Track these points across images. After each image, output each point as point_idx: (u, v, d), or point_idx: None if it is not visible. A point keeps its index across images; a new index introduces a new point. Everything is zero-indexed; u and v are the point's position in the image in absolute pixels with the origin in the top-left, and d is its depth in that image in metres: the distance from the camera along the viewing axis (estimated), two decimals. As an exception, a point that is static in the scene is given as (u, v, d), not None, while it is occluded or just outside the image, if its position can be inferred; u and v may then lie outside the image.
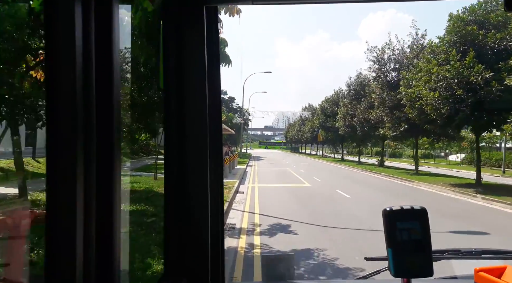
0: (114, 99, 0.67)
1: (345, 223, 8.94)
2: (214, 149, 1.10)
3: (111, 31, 0.67)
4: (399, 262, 1.05)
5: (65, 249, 0.60)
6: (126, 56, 4.87)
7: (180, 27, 1.05)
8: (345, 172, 28.39)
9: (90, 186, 0.63)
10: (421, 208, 1.08)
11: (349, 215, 10.20)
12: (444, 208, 11.70)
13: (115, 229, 0.67)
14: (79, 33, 0.60)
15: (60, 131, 0.60)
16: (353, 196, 14.03)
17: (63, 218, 0.60)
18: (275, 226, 8.45)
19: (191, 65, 1.06)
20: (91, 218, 0.63)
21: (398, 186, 19.15)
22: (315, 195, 14.26)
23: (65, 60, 0.60)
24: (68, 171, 0.60)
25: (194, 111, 1.06)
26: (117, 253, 0.68)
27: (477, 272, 1.10)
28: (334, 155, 57.89)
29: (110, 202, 0.67)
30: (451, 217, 9.98)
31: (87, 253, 0.61)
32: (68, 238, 0.60)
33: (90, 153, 0.63)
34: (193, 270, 1.07)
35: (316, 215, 10.02)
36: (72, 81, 0.60)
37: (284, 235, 7.66)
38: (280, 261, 1.46)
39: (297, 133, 74.33)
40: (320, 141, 56.14)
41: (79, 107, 0.61)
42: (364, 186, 18.16)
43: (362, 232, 8.00)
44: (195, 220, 1.07)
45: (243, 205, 11.48)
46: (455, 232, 8.02)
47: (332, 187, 16.92)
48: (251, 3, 1.06)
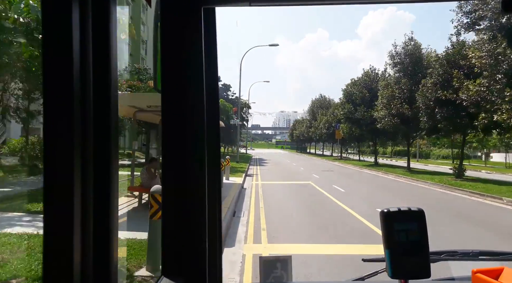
0: (112, 98, 0.68)
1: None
2: (212, 150, 1.10)
3: (109, 31, 0.67)
4: (397, 263, 1.05)
5: (62, 249, 0.60)
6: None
7: (178, 28, 1.04)
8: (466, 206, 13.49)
9: (87, 185, 0.63)
10: (418, 209, 1.08)
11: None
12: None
13: (113, 229, 0.68)
14: (76, 33, 0.61)
15: (58, 130, 0.60)
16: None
17: (61, 218, 0.60)
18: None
19: (188, 66, 1.05)
20: (89, 218, 0.63)
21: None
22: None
23: (62, 59, 0.60)
24: (66, 170, 0.60)
25: (192, 112, 1.06)
26: (115, 253, 0.68)
27: (474, 273, 1.11)
28: (360, 157, 44.89)
29: (108, 201, 0.67)
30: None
31: (84, 253, 0.62)
32: (66, 238, 0.60)
33: (87, 152, 0.63)
34: (191, 270, 1.07)
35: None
36: (70, 80, 0.60)
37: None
38: (277, 262, 1.45)
39: (307, 130, 62.32)
40: (339, 139, 44.34)
41: (77, 106, 0.61)
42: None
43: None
44: (192, 220, 1.07)
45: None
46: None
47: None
48: (249, 5, 1.01)
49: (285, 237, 7.24)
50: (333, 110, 49.17)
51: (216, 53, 1.11)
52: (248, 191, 14.42)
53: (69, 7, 0.59)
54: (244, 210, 9.86)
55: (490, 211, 11.25)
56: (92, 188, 0.64)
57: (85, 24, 0.63)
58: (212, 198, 1.10)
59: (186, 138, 1.05)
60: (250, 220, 8.60)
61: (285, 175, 23.01)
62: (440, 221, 8.76)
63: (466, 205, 12.42)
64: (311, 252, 6.14)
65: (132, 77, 20.93)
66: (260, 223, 8.22)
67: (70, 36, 0.60)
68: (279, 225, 8.25)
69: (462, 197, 14.18)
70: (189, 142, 1.05)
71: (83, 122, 0.62)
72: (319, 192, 14.59)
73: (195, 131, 1.05)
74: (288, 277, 1.44)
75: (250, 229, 7.73)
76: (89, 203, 0.63)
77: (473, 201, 13.20)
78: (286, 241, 6.92)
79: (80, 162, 0.61)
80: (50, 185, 0.60)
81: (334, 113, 48.17)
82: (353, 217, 9.26)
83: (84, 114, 0.62)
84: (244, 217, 8.98)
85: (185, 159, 1.05)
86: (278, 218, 9.01)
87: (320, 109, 58.32)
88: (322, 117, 51.59)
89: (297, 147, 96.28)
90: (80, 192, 0.61)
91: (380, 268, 1.31)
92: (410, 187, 17.65)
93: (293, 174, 23.84)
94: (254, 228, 7.77)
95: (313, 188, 15.91)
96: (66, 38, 0.60)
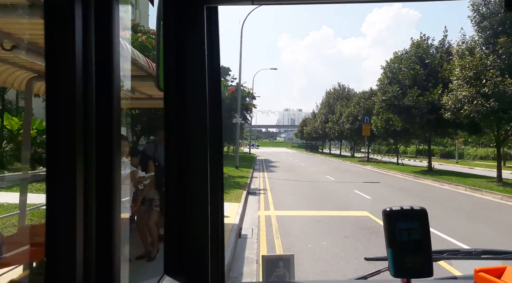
0: (114, 99, 0.68)
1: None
2: (214, 149, 1.09)
3: (111, 31, 0.67)
4: (399, 262, 1.05)
5: (65, 249, 0.60)
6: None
7: (180, 28, 1.04)
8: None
9: (90, 185, 0.63)
10: (421, 208, 1.08)
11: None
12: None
13: (115, 229, 0.67)
14: (79, 33, 0.61)
15: (60, 130, 0.60)
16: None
17: (63, 217, 0.60)
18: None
19: (191, 65, 1.05)
20: (91, 217, 0.63)
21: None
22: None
23: (65, 60, 0.60)
24: (68, 170, 0.60)
25: (194, 111, 1.06)
26: (117, 253, 0.68)
27: (477, 272, 1.10)
28: (399, 160, 32.54)
29: (110, 201, 0.67)
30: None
31: (87, 252, 0.62)
32: (68, 237, 0.60)
33: (89, 152, 0.63)
34: (193, 269, 1.06)
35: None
36: (72, 81, 0.60)
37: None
38: (280, 261, 1.44)
39: (321, 125, 52.78)
40: (366, 135, 34.96)
41: (79, 106, 0.61)
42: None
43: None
44: (195, 218, 1.06)
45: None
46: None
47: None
48: (251, 3, 1.04)
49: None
50: (358, 100, 39.70)
51: (219, 52, 1.11)
52: (251, 246, 6.28)
53: (71, 7, 0.59)
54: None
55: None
56: (95, 187, 0.64)
57: (88, 24, 0.62)
58: (215, 196, 1.10)
59: (188, 137, 1.05)
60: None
61: (311, 191, 13.87)
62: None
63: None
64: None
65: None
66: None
67: (73, 35, 0.59)
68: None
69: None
70: (191, 141, 1.05)
71: (85, 121, 0.61)
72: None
73: (198, 130, 1.06)
74: (290, 276, 1.42)
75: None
76: (91, 204, 0.63)
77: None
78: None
79: (82, 160, 0.61)
80: (52, 183, 0.60)
81: (360, 103, 38.77)
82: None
83: (86, 113, 0.62)
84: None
85: (187, 157, 1.06)
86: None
87: (339, 100, 48.73)
88: (344, 109, 41.98)
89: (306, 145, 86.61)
90: (83, 193, 0.61)
91: (383, 267, 1.31)
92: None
93: (324, 189, 14.71)
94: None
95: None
96: (69, 38, 0.59)
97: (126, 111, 2.90)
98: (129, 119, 10.19)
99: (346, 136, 41.97)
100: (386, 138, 32.68)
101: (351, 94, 50.70)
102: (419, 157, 50.14)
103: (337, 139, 53.01)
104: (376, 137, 35.14)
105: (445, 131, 22.67)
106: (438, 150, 53.90)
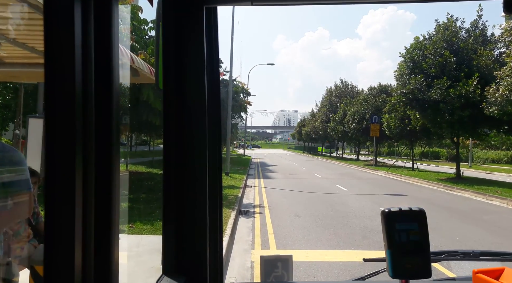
0: (113, 99, 0.67)
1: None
2: (213, 149, 1.09)
3: (111, 31, 0.66)
4: (398, 263, 1.04)
5: (64, 248, 0.59)
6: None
7: (180, 28, 1.04)
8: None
9: (89, 185, 0.62)
10: (419, 209, 1.07)
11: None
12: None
13: (114, 229, 0.67)
14: (78, 33, 0.60)
15: (59, 130, 0.60)
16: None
17: (62, 218, 0.59)
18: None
19: (190, 65, 1.05)
20: (90, 218, 0.63)
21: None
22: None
23: (64, 60, 0.59)
24: (67, 170, 0.60)
25: (194, 111, 1.06)
26: (116, 253, 0.67)
27: (475, 273, 1.10)
28: (413, 165, 26.76)
29: (109, 201, 0.66)
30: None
31: (85, 252, 0.61)
32: (67, 237, 0.59)
33: (89, 152, 0.63)
34: (192, 269, 1.06)
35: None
36: (71, 80, 0.59)
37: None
38: (278, 261, 1.42)
39: (322, 125, 48.80)
40: (375, 136, 31.10)
41: (78, 106, 0.60)
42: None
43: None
44: (193, 218, 1.06)
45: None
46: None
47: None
48: (251, 4, 1.03)
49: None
50: (365, 97, 35.82)
51: (218, 52, 1.11)
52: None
53: (71, 7, 0.58)
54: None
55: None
56: (94, 187, 0.63)
57: (87, 24, 0.62)
58: (213, 196, 1.09)
59: (187, 138, 1.05)
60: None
61: (324, 210, 9.88)
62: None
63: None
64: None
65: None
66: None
67: (72, 35, 0.59)
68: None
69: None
70: (191, 141, 1.05)
71: (84, 121, 0.61)
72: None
73: (197, 131, 1.05)
74: (288, 277, 1.41)
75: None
76: (90, 204, 0.62)
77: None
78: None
79: (81, 161, 0.60)
80: (51, 184, 0.59)
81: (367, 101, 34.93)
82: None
83: (85, 113, 0.61)
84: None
85: (186, 157, 1.05)
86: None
87: (342, 97, 44.72)
88: (349, 107, 37.98)
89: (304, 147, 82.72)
90: (81, 193, 0.60)
91: (381, 268, 1.30)
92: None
93: (340, 206, 10.73)
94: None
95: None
96: (68, 38, 0.59)
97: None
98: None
99: (351, 137, 37.94)
100: (399, 140, 28.63)
101: (355, 92, 46.79)
102: (425, 160, 46.24)
103: (340, 141, 49.00)
104: (386, 139, 31.20)
105: (479, 131, 18.83)
106: (445, 152, 50.26)
